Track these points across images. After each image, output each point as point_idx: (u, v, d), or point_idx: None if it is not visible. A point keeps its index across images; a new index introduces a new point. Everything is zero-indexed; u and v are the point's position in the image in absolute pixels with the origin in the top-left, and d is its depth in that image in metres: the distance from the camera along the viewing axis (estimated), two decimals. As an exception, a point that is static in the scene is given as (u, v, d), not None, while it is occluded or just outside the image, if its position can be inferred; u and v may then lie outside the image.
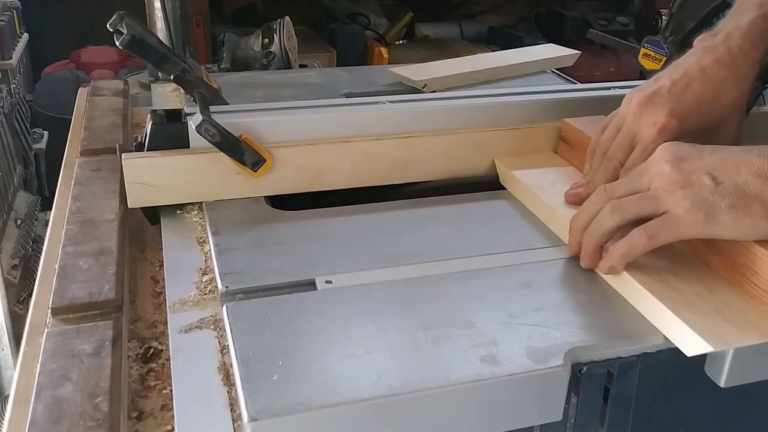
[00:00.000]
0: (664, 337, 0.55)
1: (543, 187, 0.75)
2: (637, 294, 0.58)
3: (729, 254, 0.59)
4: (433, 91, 1.05)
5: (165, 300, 0.62)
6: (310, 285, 0.61)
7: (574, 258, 0.64)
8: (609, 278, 0.61)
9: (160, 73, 1.31)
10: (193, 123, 0.72)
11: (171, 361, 0.54)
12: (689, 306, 0.55)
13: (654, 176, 0.59)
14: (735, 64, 0.69)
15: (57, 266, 0.62)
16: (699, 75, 0.68)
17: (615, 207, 0.60)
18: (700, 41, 0.72)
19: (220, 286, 0.62)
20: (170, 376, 0.53)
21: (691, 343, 0.52)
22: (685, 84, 0.68)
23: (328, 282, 0.61)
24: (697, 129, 0.68)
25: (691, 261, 0.62)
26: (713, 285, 0.59)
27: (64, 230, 0.68)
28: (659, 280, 0.58)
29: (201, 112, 0.71)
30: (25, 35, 2.01)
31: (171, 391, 0.52)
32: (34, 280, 0.66)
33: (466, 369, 0.50)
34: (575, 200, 0.70)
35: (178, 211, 0.76)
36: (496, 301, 0.59)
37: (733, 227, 0.56)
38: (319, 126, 0.79)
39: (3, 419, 0.51)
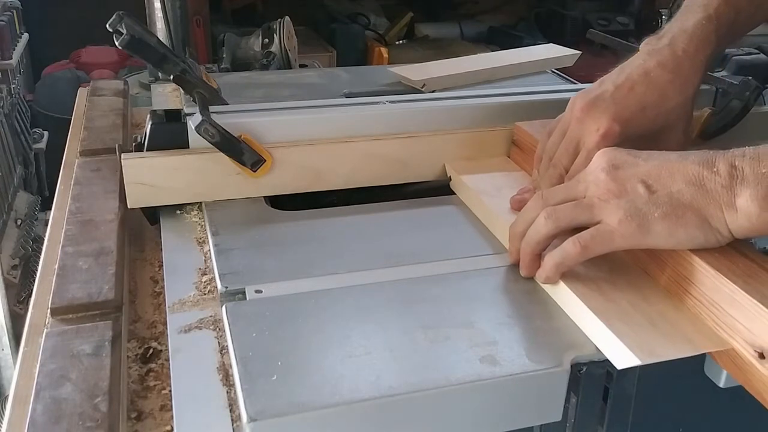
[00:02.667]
0: (596, 348, 0.53)
1: (490, 192, 0.74)
2: (572, 304, 0.57)
3: (667, 263, 0.58)
4: (432, 91, 1.05)
5: (164, 300, 0.62)
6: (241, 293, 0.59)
7: (516, 266, 0.62)
8: (546, 287, 0.60)
9: (160, 73, 1.31)
10: (192, 123, 0.72)
11: (170, 362, 0.54)
12: (622, 316, 0.54)
13: (590, 184, 0.58)
14: (679, 67, 0.67)
15: (56, 266, 0.62)
16: (642, 79, 0.67)
17: (549, 214, 0.58)
18: (645, 44, 0.70)
19: (219, 286, 0.62)
20: (169, 376, 0.53)
21: (621, 356, 0.50)
22: (629, 88, 0.67)
23: (258, 291, 0.59)
24: (641, 134, 0.67)
25: (631, 269, 0.60)
26: (650, 294, 0.57)
27: (63, 230, 0.68)
28: (595, 290, 0.57)
29: (200, 112, 0.71)
30: (25, 35, 2.01)
31: (170, 391, 0.52)
32: (34, 280, 0.66)
33: (466, 369, 0.50)
34: (520, 206, 0.67)
35: (178, 212, 0.76)
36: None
37: (667, 237, 0.54)
38: (319, 126, 0.79)
39: (2, 419, 0.51)
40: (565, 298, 0.57)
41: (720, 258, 0.54)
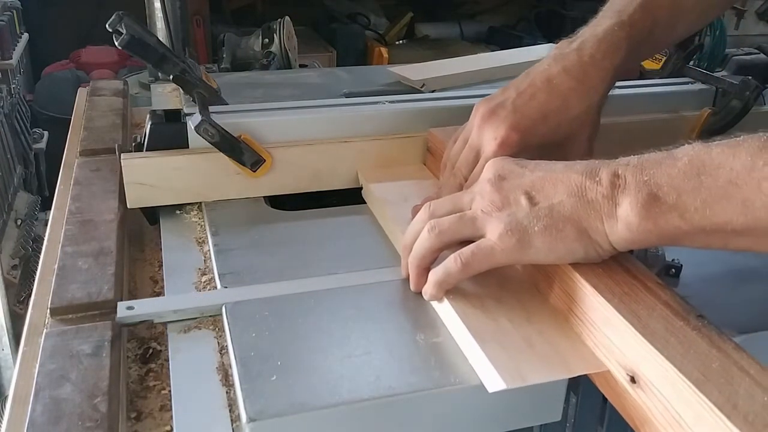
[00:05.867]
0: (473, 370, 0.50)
1: (395, 201, 0.71)
2: (451, 321, 0.54)
3: (554, 279, 0.55)
4: (432, 91, 1.05)
5: (164, 300, 0.62)
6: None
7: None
8: (433, 303, 0.57)
9: (159, 73, 1.31)
10: (192, 123, 0.72)
11: (170, 362, 0.54)
12: (499, 337, 0.51)
13: (476, 195, 0.56)
14: (584, 73, 0.65)
15: (56, 266, 0.62)
16: (545, 85, 0.65)
17: (432, 227, 0.55)
18: (556, 48, 0.68)
19: (219, 286, 0.62)
20: (169, 376, 0.53)
21: (490, 379, 0.48)
22: (530, 95, 0.65)
23: (129, 308, 0.57)
24: (543, 142, 0.65)
25: (524, 285, 0.58)
26: (536, 312, 0.54)
27: (63, 230, 0.67)
28: (478, 307, 0.54)
29: (200, 112, 0.71)
30: (25, 35, 2.01)
31: (170, 391, 0.52)
32: (34, 280, 0.66)
33: (466, 369, 0.50)
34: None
35: (178, 212, 0.76)
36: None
37: (547, 252, 0.52)
38: (319, 126, 0.79)
39: (2, 419, 0.51)
40: (446, 314, 0.55)
41: (601, 275, 0.52)
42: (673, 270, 0.65)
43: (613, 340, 0.48)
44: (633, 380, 0.46)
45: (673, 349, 0.44)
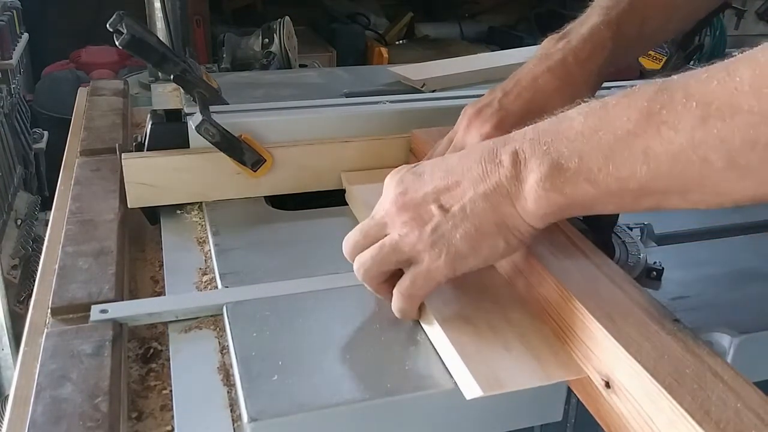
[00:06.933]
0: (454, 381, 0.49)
1: (373, 204, 0.71)
2: (430, 328, 0.53)
3: (525, 275, 0.54)
4: (432, 91, 1.05)
5: (165, 300, 0.62)
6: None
7: None
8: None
9: (160, 73, 1.31)
10: (192, 123, 0.72)
11: (171, 362, 0.54)
12: (477, 342, 0.50)
13: (386, 219, 0.52)
14: (568, 73, 0.64)
15: (57, 266, 0.62)
16: (530, 85, 0.65)
17: (358, 267, 0.53)
18: (541, 47, 0.68)
19: (220, 286, 0.62)
20: (170, 376, 0.53)
21: (467, 385, 0.47)
22: (516, 94, 0.65)
23: (103, 311, 0.56)
24: None
25: (503, 288, 0.57)
26: (514, 314, 0.53)
27: (63, 230, 0.67)
28: (457, 311, 0.53)
29: (201, 112, 0.71)
30: (25, 35, 2.00)
31: (171, 391, 0.52)
32: (34, 280, 0.66)
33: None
34: None
35: (178, 211, 0.76)
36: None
37: (476, 257, 0.49)
38: (319, 126, 0.79)
39: (3, 419, 0.51)
40: (425, 321, 0.54)
41: (580, 281, 0.51)
42: (654, 273, 0.64)
43: (589, 344, 0.48)
44: (608, 385, 0.46)
45: (647, 354, 0.44)
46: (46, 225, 0.77)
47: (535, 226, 0.49)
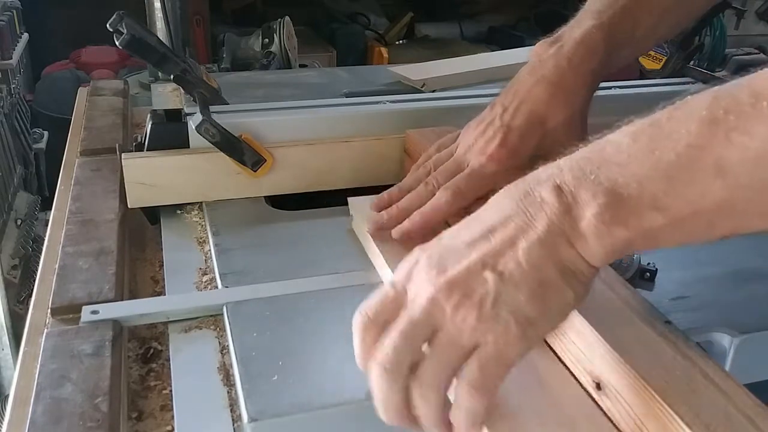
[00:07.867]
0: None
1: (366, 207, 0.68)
2: None
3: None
4: (432, 91, 1.05)
5: (165, 300, 0.62)
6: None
7: None
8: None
9: (160, 73, 1.31)
10: (193, 123, 0.72)
11: (171, 362, 0.54)
12: None
13: (432, 312, 0.41)
14: (564, 78, 0.64)
15: (57, 266, 0.62)
16: (527, 96, 0.65)
17: (422, 394, 0.41)
18: (534, 53, 0.67)
19: (220, 286, 0.62)
20: (170, 376, 0.53)
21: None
22: (515, 108, 0.65)
23: (94, 312, 0.55)
24: (534, 154, 0.63)
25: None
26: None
27: (63, 230, 0.67)
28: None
29: (201, 112, 0.71)
30: (25, 35, 2.00)
31: (171, 391, 0.52)
32: (34, 280, 0.66)
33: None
34: (377, 228, 0.64)
35: (178, 211, 0.76)
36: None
37: (546, 319, 0.41)
38: (319, 126, 0.79)
39: (3, 419, 0.51)
40: None
41: None
42: (648, 274, 0.64)
43: (580, 346, 0.47)
44: (598, 387, 0.45)
45: (638, 356, 0.43)
46: (46, 225, 0.77)
47: (598, 266, 0.42)
